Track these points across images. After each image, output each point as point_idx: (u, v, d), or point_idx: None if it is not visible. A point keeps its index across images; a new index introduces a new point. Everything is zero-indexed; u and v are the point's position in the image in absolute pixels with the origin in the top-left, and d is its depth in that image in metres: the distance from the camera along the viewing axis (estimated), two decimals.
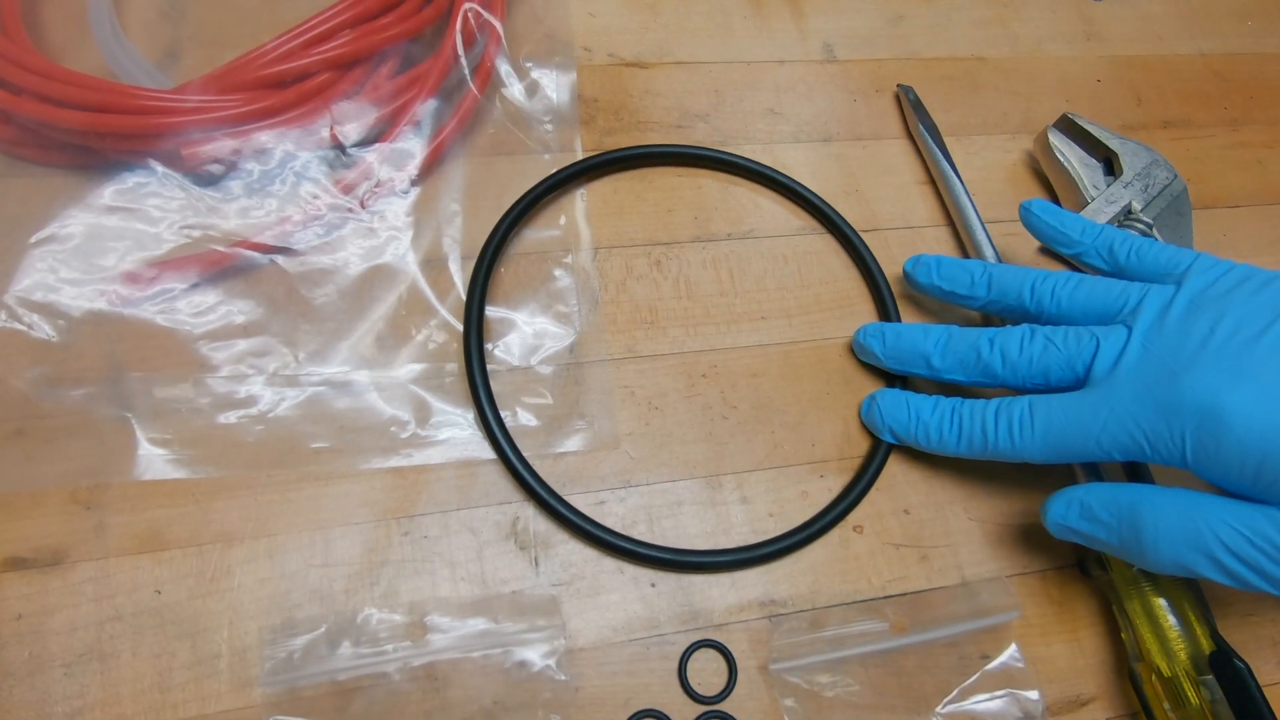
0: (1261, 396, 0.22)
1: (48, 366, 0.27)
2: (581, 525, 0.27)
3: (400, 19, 0.33)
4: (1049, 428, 0.26)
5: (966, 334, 0.29)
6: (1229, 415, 0.22)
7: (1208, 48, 0.44)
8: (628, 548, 0.27)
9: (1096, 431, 0.25)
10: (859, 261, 0.34)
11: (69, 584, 0.25)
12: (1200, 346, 0.24)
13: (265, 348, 0.29)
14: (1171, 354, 0.24)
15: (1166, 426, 0.23)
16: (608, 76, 0.37)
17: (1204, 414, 0.23)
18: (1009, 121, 0.40)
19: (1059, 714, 0.27)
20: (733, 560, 0.28)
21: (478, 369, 0.28)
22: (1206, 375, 0.23)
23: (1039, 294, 0.28)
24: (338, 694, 0.24)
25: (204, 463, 0.27)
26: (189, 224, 0.30)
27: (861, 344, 0.31)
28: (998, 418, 0.27)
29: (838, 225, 0.35)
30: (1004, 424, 0.27)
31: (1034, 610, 0.29)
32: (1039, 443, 0.26)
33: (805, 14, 0.41)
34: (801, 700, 0.26)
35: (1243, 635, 0.29)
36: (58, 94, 0.29)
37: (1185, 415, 0.23)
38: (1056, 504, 0.26)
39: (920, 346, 0.29)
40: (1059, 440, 0.25)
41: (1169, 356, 0.24)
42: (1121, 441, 0.24)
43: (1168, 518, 0.23)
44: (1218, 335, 0.24)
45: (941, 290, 0.31)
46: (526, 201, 0.32)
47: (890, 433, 0.30)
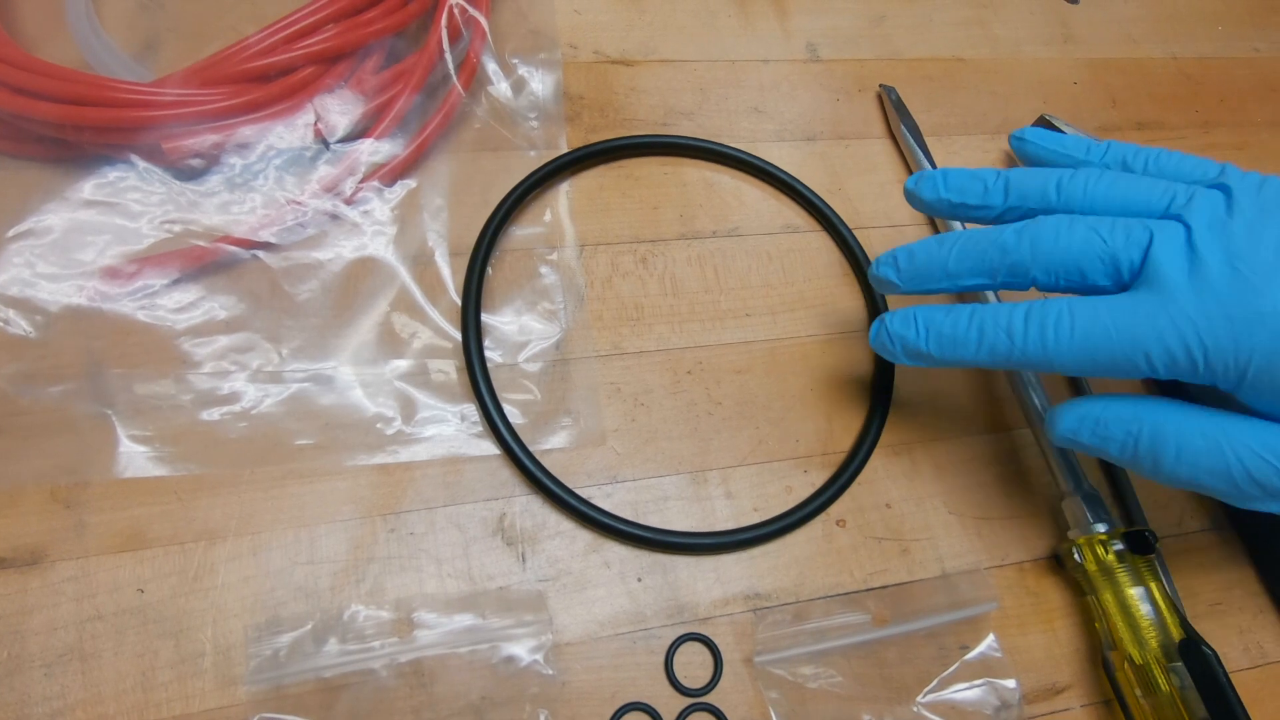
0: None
1: (25, 363, 0.27)
2: (598, 518, 0.27)
3: (385, 14, 0.33)
4: (1091, 332, 0.22)
5: (987, 231, 0.25)
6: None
7: (1180, 51, 0.45)
8: (629, 530, 0.27)
9: (1149, 341, 0.22)
10: (849, 255, 0.35)
11: (48, 583, 0.25)
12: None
13: (248, 344, 0.29)
14: (1245, 260, 0.21)
15: (1234, 342, 0.21)
16: (593, 74, 0.37)
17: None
18: (988, 122, 0.40)
19: (1035, 702, 0.28)
20: (738, 540, 0.28)
21: (478, 363, 0.28)
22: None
23: (1067, 193, 0.25)
24: (324, 691, 0.24)
25: (186, 460, 0.27)
26: (170, 219, 0.30)
27: (878, 276, 0.28)
28: (1028, 320, 0.23)
29: (829, 219, 0.35)
30: (1035, 327, 0.23)
31: (1011, 601, 0.29)
32: (1076, 349, 0.23)
33: (789, 13, 0.41)
34: (785, 692, 0.26)
35: (1211, 624, 0.30)
36: (33, 86, 0.28)
37: (1261, 331, 0.21)
38: (1067, 418, 0.24)
39: (936, 255, 0.26)
40: (1102, 348, 0.22)
41: (1242, 263, 0.21)
42: (1174, 354, 0.22)
43: (1193, 441, 0.22)
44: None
45: (950, 204, 0.27)
46: (521, 190, 0.32)
47: (903, 350, 0.26)
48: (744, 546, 0.28)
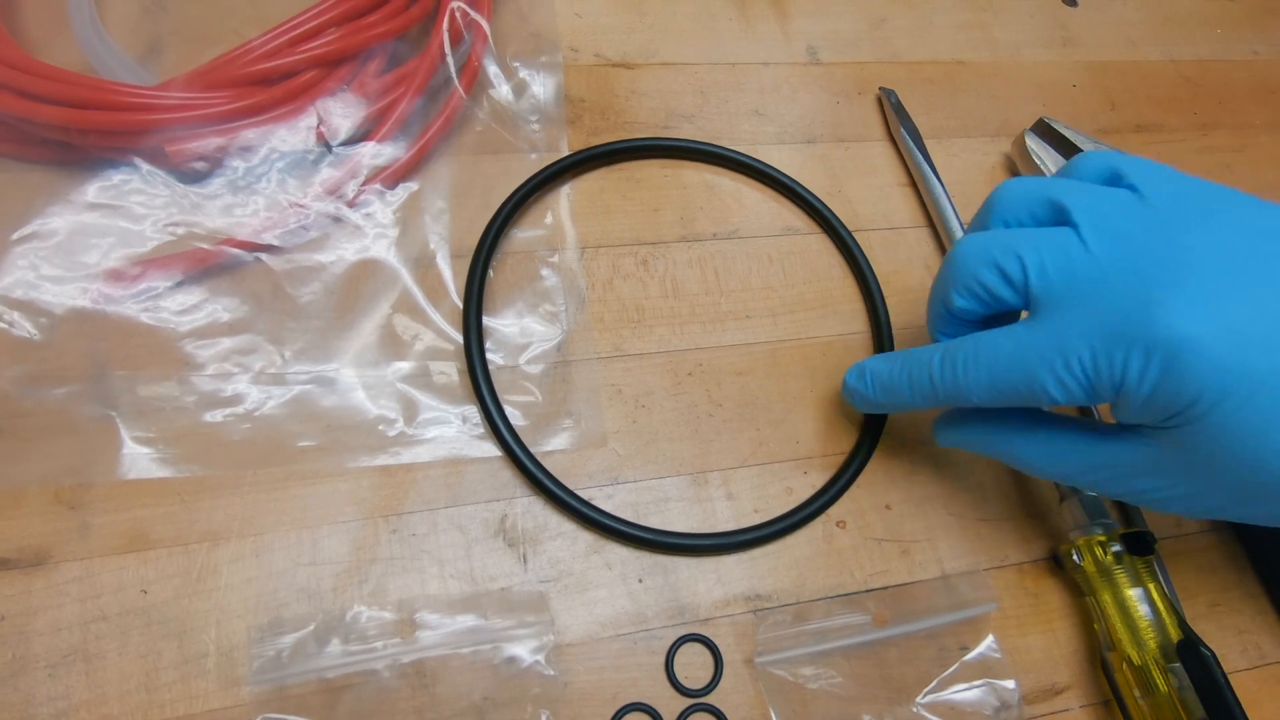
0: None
1: (30, 365, 0.27)
2: (600, 519, 0.27)
3: (387, 17, 0.33)
4: (994, 367, 0.23)
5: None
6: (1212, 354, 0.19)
7: (1179, 54, 0.45)
8: (632, 532, 0.27)
9: (1034, 366, 0.22)
10: (849, 258, 0.35)
11: (53, 584, 0.25)
12: (1181, 263, 0.20)
13: (251, 346, 0.29)
14: (1137, 269, 0.20)
15: (1125, 358, 0.20)
16: (594, 76, 0.37)
17: (1176, 348, 0.19)
18: (988, 124, 0.40)
19: (1035, 702, 0.28)
20: (739, 541, 0.28)
21: (479, 366, 0.28)
22: (1193, 301, 0.19)
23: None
24: (327, 692, 0.24)
25: (189, 461, 0.27)
26: (173, 221, 0.30)
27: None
28: (943, 361, 0.24)
29: (829, 221, 0.35)
30: (949, 367, 0.24)
31: (1010, 602, 0.29)
32: (984, 385, 0.23)
33: (789, 16, 0.41)
34: (786, 692, 0.26)
35: (1210, 625, 0.30)
36: (38, 89, 0.28)
37: (1155, 348, 0.20)
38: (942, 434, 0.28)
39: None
40: (1004, 380, 0.23)
41: (1134, 271, 0.20)
42: (1063, 380, 0.21)
43: (1034, 457, 0.25)
44: (1204, 250, 0.20)
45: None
46: (523, 193, 0.32)
47: (860, 401, 0.29)
48: (746, 547, 0.29)
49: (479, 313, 0.30)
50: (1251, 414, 0.19)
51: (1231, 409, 0.19)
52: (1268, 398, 0.19)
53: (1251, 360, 0.19)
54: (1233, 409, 0.19)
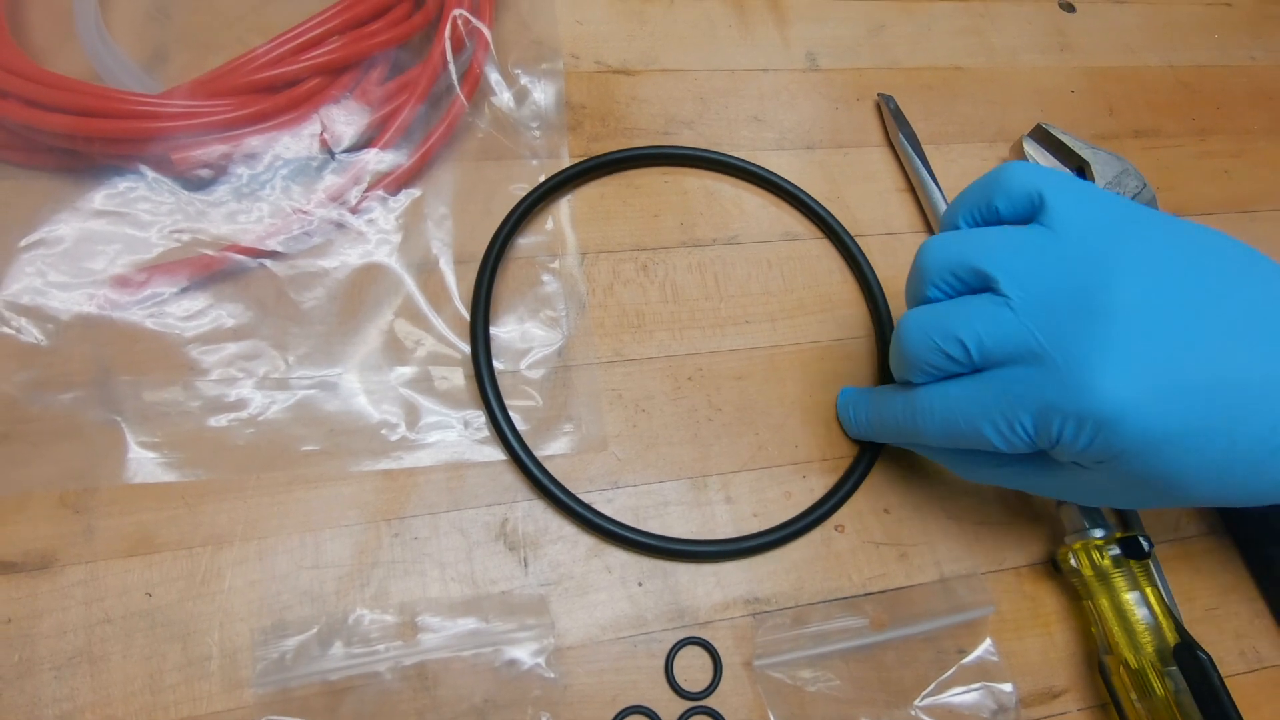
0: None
1: (36, 370, 0.27)
2: (610, 529, 0.28)
3: (390, 25, 0.33)
4: (947, 416, 0.25)
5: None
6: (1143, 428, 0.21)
7: (1177, 59, 0.45)
8: (640, 540, 0.28)
9: (981, 422, 0.24)
10: (852, 264, 0.35)
11: (58, 587, 0.25)
12: (1100, 322, 0.21)
13: (255, 351, 0.29)
14: (1062, 332, 0.22)
15: (1060, 425, 0.22)
16: (595, 83, 0.38)
17: (1105, 417, 0.21)
18: (986, 130, 0.41)
19: (1032, 705, 0.28)
20: (745, 548, 0.28)
21: (486, 373, 0.29)
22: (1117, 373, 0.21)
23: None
24: (329, 694, 0.25)
25: (194, 466, 0.27)
26: (178, 228, 0.30)
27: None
28: (906, 407, 0.26)
29: (831, 226, 0.35)
30: (911, 414, 0.26)
31: (1008, 606, 0.30)
32: (940, 433, 0.25)
33: (789, 23, 0.42)
34: (785, 695, 0.27)
35: (1207, 628, 0.30)
36: (44, 98, 0.28)
37: (1086, 418, 0.21)
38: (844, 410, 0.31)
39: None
40: (954, 430, 0.25)
41: (1060, 335, 0.22)
42: (1006, 436, 0.23)
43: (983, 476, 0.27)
44: (1123, 304, 0.21)
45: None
46: (531, 200, 0.32)
47: (851, 431, 0.31)
48: (752, 553, 0.29)
49: (486, 321, 0.30)
50: (1169, 457, 0.21)
51: (1151, 456, 0.21)
52: (1183, 445, 0.21)
53: (1170, 417, 0.21)
54: (1153, 455, 0.21)
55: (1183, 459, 0.21)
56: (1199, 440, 0.21)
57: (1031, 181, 0.24)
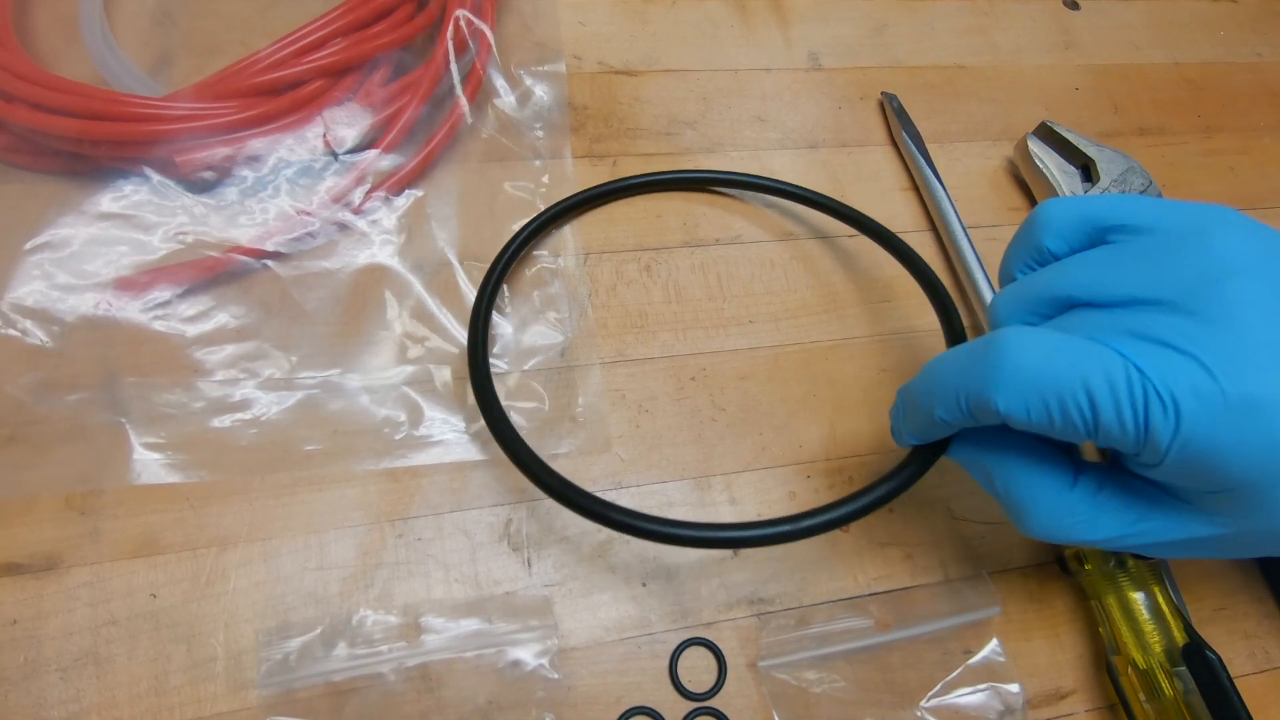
0: None
1: (42, 372, 0.27)
2: (623, 519, 0.25)
3: (392, 27, 0.33)
4: (1050, 354, 0.20)
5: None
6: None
7: (1182, 57, 0.45)
8: (662, 529, 0.24)
9: (1090, 369, 0.19)
10: (908, 263, 0.32)
11: (64, 589, 0.25)
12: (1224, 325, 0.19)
13: (258, 352, 0.29)
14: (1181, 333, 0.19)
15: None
16: (597, 84, 0.38)
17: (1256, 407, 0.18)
18: (990, 129, 0.41)
19: (1039, 707, 0.28)
20: (782, 532, 0.24)
21: (483, 377, 0.28)
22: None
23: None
24: (333, 695, 0.25)
25: (198, 467, 0.27)
26: (182, 230, 0.30)
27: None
28: (984, 346, 0.21)
29: (879, 233, 0.33)
30: (990, 353, 0.21)
31: (1014, 606, 0.29)
32: (1024, 386, 0.20)
33: (791, 22, 0.42)
34: (789, 696, 0.26)
35: (1216, 628, 0.30)
36: (50, 101, 0.29)
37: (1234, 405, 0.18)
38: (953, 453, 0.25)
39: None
40: (1052, 373, 0.20)
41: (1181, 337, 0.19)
42: (1116, 392, 0.19)
43: (1026, 487, 0.22)
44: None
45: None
46: (545, 218, 0.32)
47: (901, 428, 0.25)
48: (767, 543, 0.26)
49: (485, 328, 0.29)
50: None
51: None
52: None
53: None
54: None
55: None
56: None
57: (1078, 209, 0.22)
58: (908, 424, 0.24)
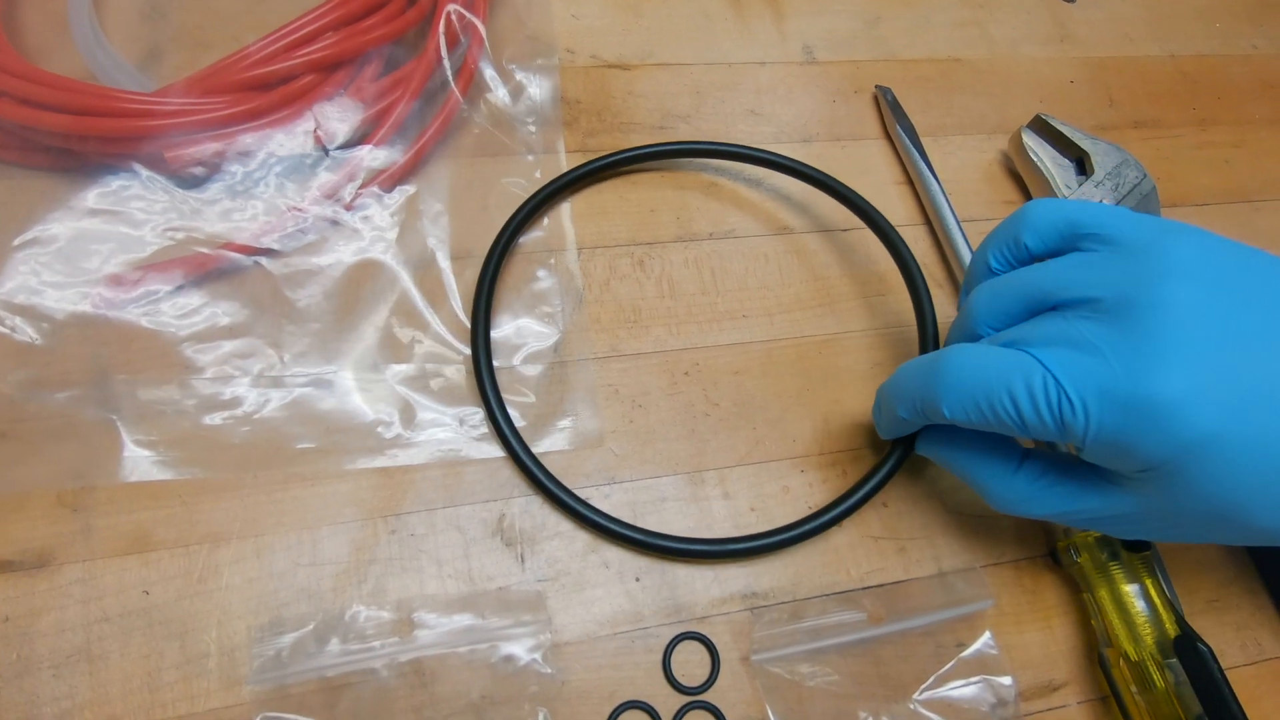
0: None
1: (32, 369, 0.27)
2: (610, 527, 0.27)
3: (384, 21, 0.33)
4: (979, 368, 0.24)
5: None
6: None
7: (1177, 49, 0.45)
8: (645, 540, 0.27)
9: (1012, 376, 0.23)
10: (891, 247, 0.33)
11: (56, 586, 0.25)
12: (1158, 320, 0.21)
13: (250, 349, 0.29)
14: (1123, 327, 0.21)
15: (1104, 411, 0.21)
16: (590, 78, 0.37)
17: (1159, 409, 0.20)
18: (985, 122, 0.40)
19: (1032, 699, 0.28)
20: (750, 548, 0.28)
21: (486, 373, 0.29)
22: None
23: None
24: (326, 690, 0.25)
25: (190, 464, 0.27)
26: (173, 226, 0.30)
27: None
28: (931, 361, 0.25)
29: (874, 219, 0.33)
30: (930, 374, 0.25)
31: (1007, 599, 0.29)
32: (963, 390, 0.24)
33: (785, 16, 0.41)
34: (783, 689, 0.27)
35: (1208, 620, 0.30)
36: (38, 97, 0.28)
37: (1136, 407, 0.21)
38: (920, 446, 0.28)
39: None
40: (978, 384, 0.23)
41: (1119, 331, 0.21)
42: (1035, 398, 0.22)
43: (999, 491, 0.26)
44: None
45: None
46: (540, 198, 0.32)
47: (879, 420, 0.28)
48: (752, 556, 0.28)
49: (488, 323, 0.30)
50: (1218, 473, 0.20)
51: (1200, 467, 0.20)
52: (1237, 456, 0.20)
53: (1223, 424, 0.20)
54: (1201, 467, 0.20)
55: (1245, 471, 0.20)
56: (1266, 452, 0.20)
57: (1060, 213, 0.25)
58: (882, 420, 0.28)
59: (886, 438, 0.29)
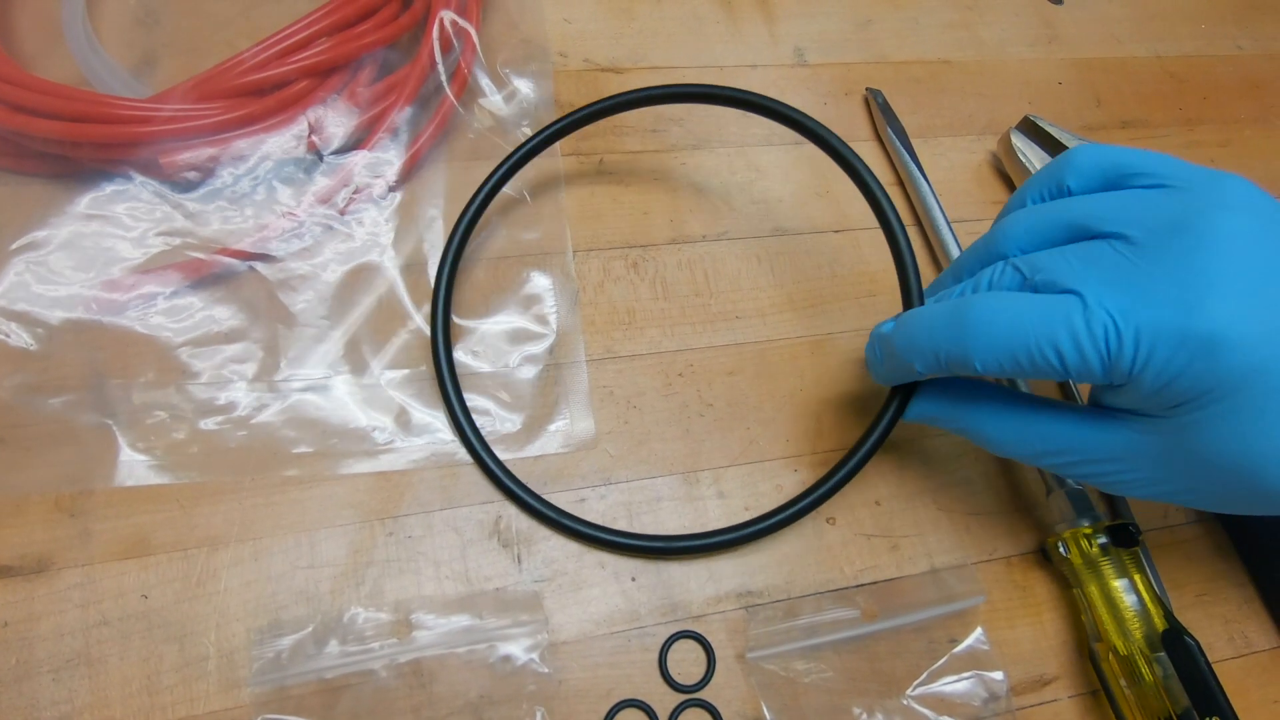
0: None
1: (28, 375, 0.28)
2: (561, 521, 0.28)
3: (377, 26, 0.33)
4: (1015, 317, 0.22)
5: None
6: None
7: (1163, 50, 0.45)
8: (607, 538, 0.28)
9: (1056, 324, 0.22)
10: (860, 184, 0.31)
11: (55, 591, 0.25)
12: (1214, 256, 0.20)
13: (246, 354, 0.29)
14: (1175, 260, 0.21)
15: (1152, 344, 0.20)
16: (583, 81, 0.38)
17: (1211, 340, 0.20)
18: (974, 123, 0.41)
19: (1023, 693, 0.28)
20: (715, 543, 0.28)
21: (448, 378, 0.29)
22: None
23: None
24: (325, 692, 0.25)
25: (187, 468, 0.27)
26: (168, 231, 0.30)
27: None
28: (954, 315, 0.24)
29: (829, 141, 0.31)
30: (955, 321, 0.24)
31: (999, 595, 0.30)
32: (997, 338, 0.23)
33: (777, 18, 0.42)
34: (778, 687, 0.27)
35: (1197, 614, 0.31)
36: (33, 104, 0.29)
37: (1188, 339, 0.20)
38: (911, 410, 0.27)
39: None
40: (1018, 334, 0.22)
41: (1172, 262, 0.21)
42: (1081, 344, 0.21)
43: (1003, 432, 0.25)
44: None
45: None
46: (488, 187, 0.31)
47: (876, 367, 0.27)
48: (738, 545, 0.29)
49: (446, 323, 0.30)
50: (1263, 405, 0.20)
51: (1245, 399, 0.20)
52: (1272, 397, 0.19)
53: (1273, 359, 0.19)
54: (1246, 399, 0.20)
55: (1259, 414, 0.20)
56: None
57: (1108, 157, 0.24)
58: (885, 370, 0.27)
59: (886, 385, 0.28)
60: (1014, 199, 0.26)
